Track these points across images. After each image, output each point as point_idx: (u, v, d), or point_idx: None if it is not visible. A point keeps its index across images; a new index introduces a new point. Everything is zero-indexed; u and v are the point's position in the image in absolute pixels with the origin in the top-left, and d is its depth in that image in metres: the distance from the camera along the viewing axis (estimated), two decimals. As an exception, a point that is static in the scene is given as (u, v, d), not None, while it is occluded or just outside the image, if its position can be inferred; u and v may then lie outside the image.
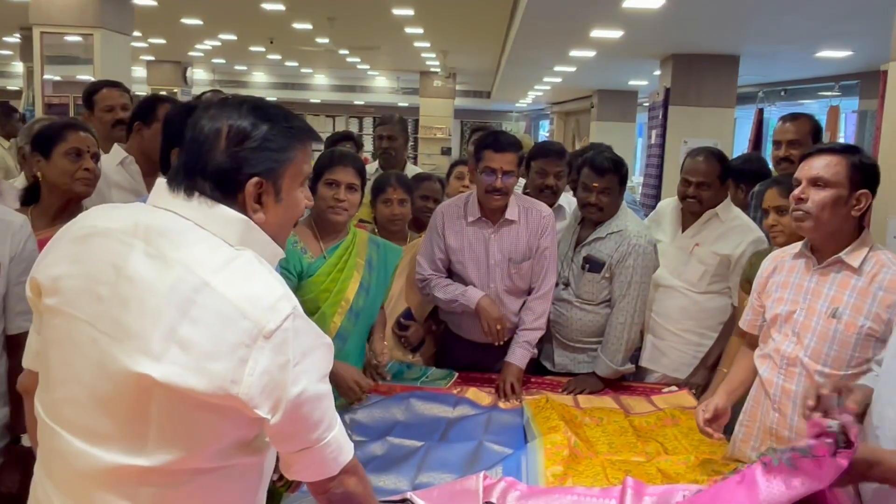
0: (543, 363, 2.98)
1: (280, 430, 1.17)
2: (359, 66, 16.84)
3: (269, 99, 1.37)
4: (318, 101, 21.59)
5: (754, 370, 2.16)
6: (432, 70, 16.10)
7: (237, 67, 19.28)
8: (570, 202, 3.39)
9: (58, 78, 7.25)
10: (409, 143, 6.86)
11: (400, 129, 4.13)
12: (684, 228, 3.00)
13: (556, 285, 2.85)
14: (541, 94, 15.97)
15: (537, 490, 1.88)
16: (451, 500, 1.81)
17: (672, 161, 7.17)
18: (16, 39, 11.76)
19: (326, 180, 2.39)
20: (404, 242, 2.97)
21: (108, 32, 6.98)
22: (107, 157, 2.77)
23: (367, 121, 21.34)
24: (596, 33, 6.60)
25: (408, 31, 10.47)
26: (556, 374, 2.91)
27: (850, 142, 7.85)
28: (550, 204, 3.03)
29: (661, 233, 3.08)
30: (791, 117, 3.19)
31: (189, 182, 1.20)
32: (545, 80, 12.36)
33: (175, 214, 1.19)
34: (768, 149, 4.81)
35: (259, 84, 20.75)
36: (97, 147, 2.36)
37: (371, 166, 4.13)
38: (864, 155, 1.95)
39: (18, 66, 13.66)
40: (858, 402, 1.58)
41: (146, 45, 13.74)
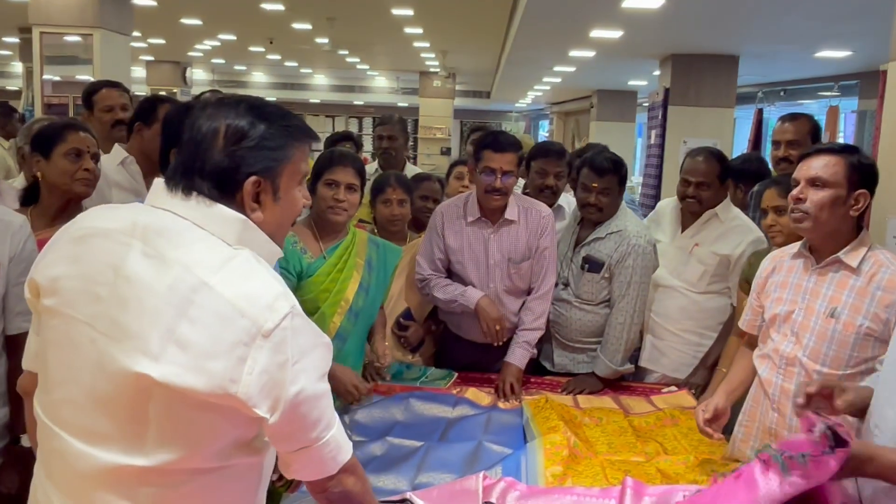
0: (543, 363, 2.98)
1: (279, 429, 1.16)
2: (358, 66, 16.84)
3: (268, 99, 1.37)
4: (318, 101, 21.60)
5: (753, 370, 2.16)
6: (432, 70, 16.10)
7: (237, 67, 19.29)
8: (569, 202, 3.39)
9: (57, 78, 7.24)
10: (409, 144, 6.85)
11: (400, 130, 4.13)
12: (684, 228, 3.00)
13: (556, 285, 2.85)
14: (540, 94, 15.98)
15: (537, 490, 1.88)
16: (451, 500, 1.80)
17: (671, 161, 7.17)
18: (15, 40, 11.76)
19: (326, 180, 2.39)
20: (404, 243, 2.97)
21: (108, 32, 6.97)
22: (107, 157, 2.77)
23: (367, 121, 21.35)
24: (595, 33, 6.60)
25: (407, 31, 10.47)
26: (556, 374, 2.91)
27: (849, 142, 7.86)
28: (550, 204, 3.02)
29: (660, 233, 3.08)
30: (790, 117, 3.19)
31: (187, 181, 1.20)
32: (545, 80, 12.37)
33: (173, 214, 1.19)
34: (768, 149, 4.82)
35: (258, 84, 20.75)
36: (97, 147, 2.36)
37: (371, 166, 4.13)
38: (862, 155, 1.95)
39: (18, 67, 13.66)
40: (849, 401, 1.58)
41: (146, 46, 13.74)
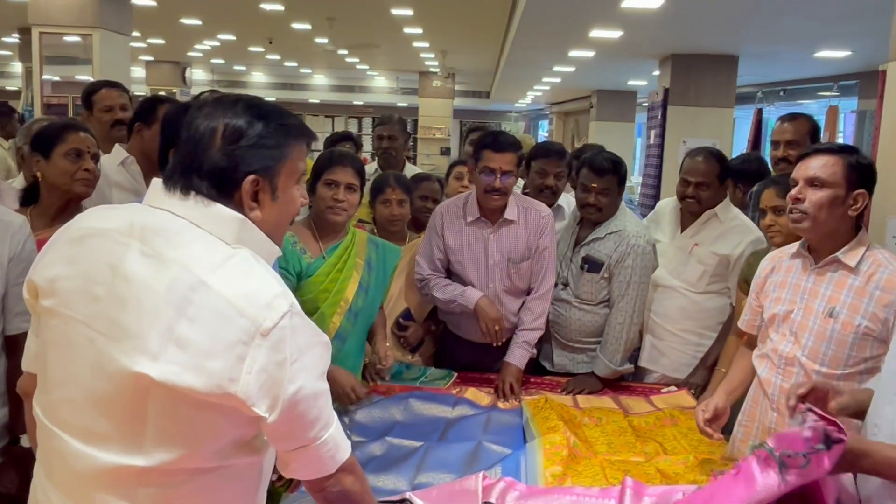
0: (542, 363, 2.98)
1: (277, 428, 1.16)
2: (358, 67, 16.83)
3: (267, 99, 1.37)
4: (318, 101, 21.59)
5: (753, 370, 2.16)
6: (431, 70, 16.09)
7: (236, 68, 19.27)
8: (569, 202, 3.39)
9: (57, 78, 7.24)
10: (409, 144, 6.86)
11: (399, 130, 4.13)
12: (683, 228, 3.00)
13: (556, 285, 2.85)
14: (540, 94, 15.98)
15: (536, 490, 1.88)
16: (451, 501, 1.80)
17: (671, 161, 7.17)
18: (15, 40, 11.75)
19: (326, 180, 2.39)
20: (403, 243, 2.97)
21: (107, 32, 6.97)
22: (108, 157, 2.77)
23: (367, 121, 21.34)
24: (595, 33, 6.60)
25: (407, 31, 10.46)
26: (556, 374, 2.91)
27: (848, 142, 7.87)
28: (550, 204, 3.03)
29: (660, 233, 3.08)
30: (789, 117, 3.19)
31: (185, 181, 1.20)
32: (544, 80, 12.37)
33: (171, 213, 1.19)
34: (767, 149, 4.81)
35: (258, 84, 20.75)
36: (97, 147, 2.36)
37: (370, 166, 4.13)
38: (860, 155, 1.95)
39: (17, 67, 13.64)
40: (844, 403, 1.58)
41: (145, 46, 13.74)
